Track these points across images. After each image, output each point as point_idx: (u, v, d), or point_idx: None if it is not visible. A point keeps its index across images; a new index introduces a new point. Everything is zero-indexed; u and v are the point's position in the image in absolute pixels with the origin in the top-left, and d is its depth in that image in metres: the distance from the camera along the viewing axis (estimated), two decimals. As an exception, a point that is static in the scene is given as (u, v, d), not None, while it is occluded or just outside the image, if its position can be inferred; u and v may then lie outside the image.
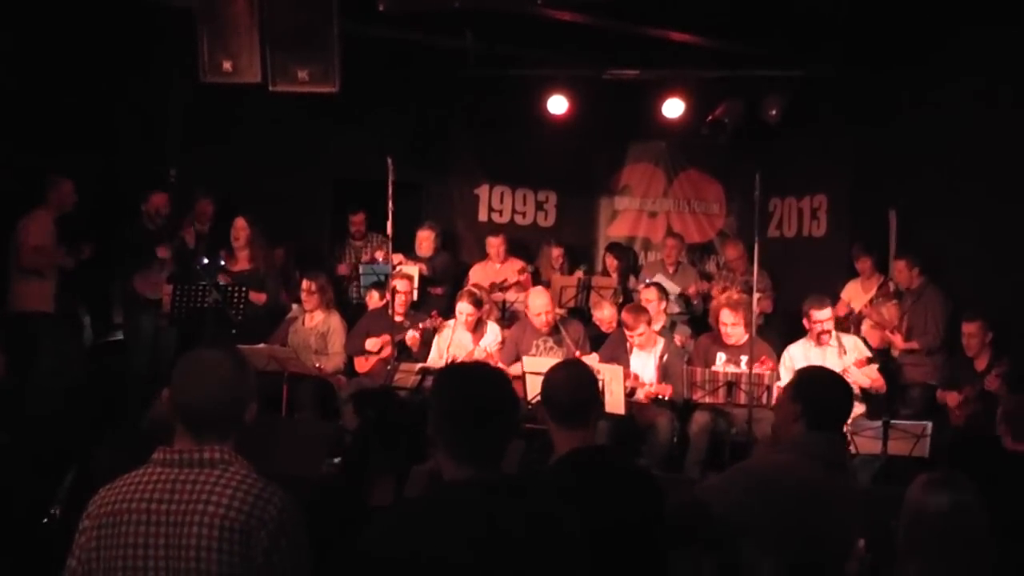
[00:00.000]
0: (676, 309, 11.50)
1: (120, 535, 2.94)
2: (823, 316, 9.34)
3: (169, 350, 10.00)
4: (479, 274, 12.22)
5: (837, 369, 8.90)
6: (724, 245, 12.90)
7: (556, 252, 12.83)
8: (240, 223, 10.85)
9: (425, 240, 12.03)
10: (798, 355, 9.39)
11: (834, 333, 9.45)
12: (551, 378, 3.92)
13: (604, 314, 10.38)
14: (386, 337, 9.91)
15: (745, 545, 3.92)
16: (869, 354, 9.36)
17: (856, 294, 10.97)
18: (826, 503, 3.96)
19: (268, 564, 2.89)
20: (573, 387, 3.87)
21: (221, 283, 10.14)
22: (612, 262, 12.70)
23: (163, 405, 5.93)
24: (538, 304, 9.88)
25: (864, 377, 9.15)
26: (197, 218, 10.95)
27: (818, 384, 4.23)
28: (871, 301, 10.68)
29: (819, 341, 9.37)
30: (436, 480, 3.19)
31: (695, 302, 11.86)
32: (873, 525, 5.12)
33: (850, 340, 9.54)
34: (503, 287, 11.73)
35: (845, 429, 8.31)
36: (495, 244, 12.30)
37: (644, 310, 9.69)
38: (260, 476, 3.03)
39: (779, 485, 3.96)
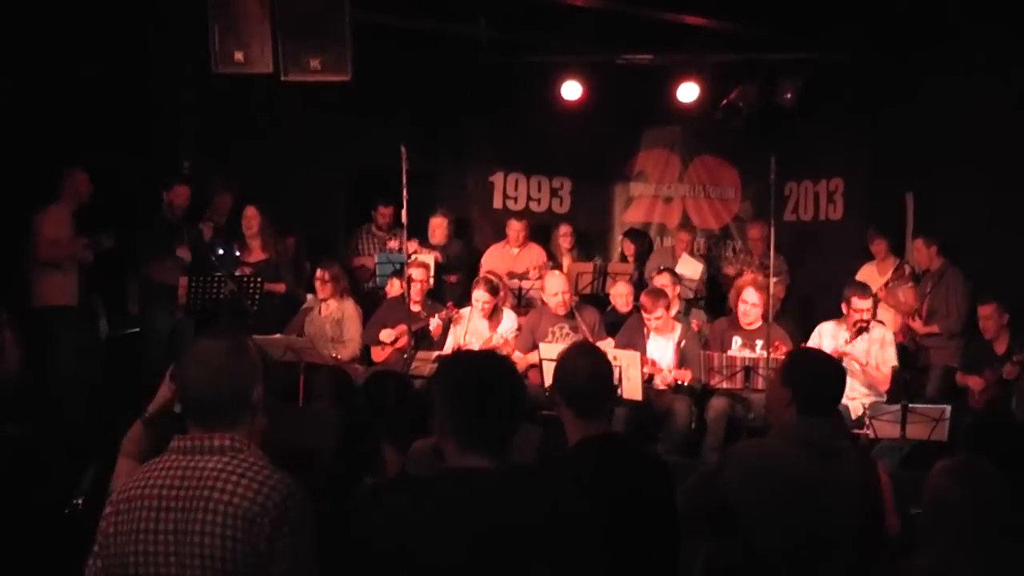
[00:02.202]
0: (689, 294, 11.47)
1: (133, 520, 2.97)
2: (863, 306, 9.18)
3: (186, 343, 9.96)
4: (494, 257, 12.21)
5: (862, 358, 8.93)
6: (747, 225, 12.87)
7: (564, 230, 12.80)
8: (250, 212, 10.85)
9: (438, 227, 12.01)
10: (827, 333, 9.33)
11: (872, 324, 9.34)
12: (568, 366, 3.88)
13: (619, 290, 10.41)
14: (402, 327, 9.91)
15: (741, 531, 3.91)
16: (895, 362, 9.25)
17: (871, 277, 10.91)
18: (818, 489, 3.94)
19: (270, 551, 2.89)
20: (593, 379, 3.84)
21: (237, 274, 10.13)
22: (630, 247, 12.70)
23: None
24: (554, 285, 9.89)
25: (879, 377, 9.08)
26: (216, 210, 10.95)
27: (809, 368, 4.21)
28: (886, 284, 10.63)
29: (854, 327, 9.13)
30: (438, 459, 3.19)
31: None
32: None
33: (880, 331, 9.34)
34: (523, 276, 11.70)
35: (864, 414, 8.37)
36: (516, 228, 12.29)
37: (664, 294, 9.66)
38: (268, 464, 3.04)
39: (770, 472, 3.94)
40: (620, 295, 10.45)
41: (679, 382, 9.26)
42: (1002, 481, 3.84)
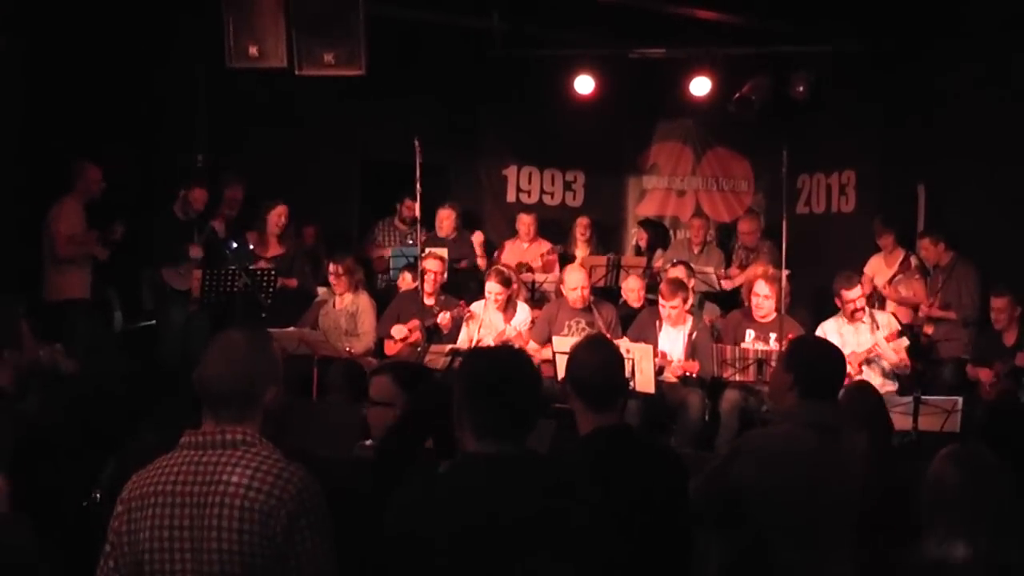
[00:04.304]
0: (704, 288, 11.48)
1: (147, 517, 2.98)
2: (853, 296, 9.26)
3: (200, 336, 10.03)
4: (507, 252, 12.27)
5: (869, 344, 9.00)
6: (739, 220, 12.85)
7: (582, 222, 12.81)
8: (281, 209, 10.85)
9: (446, 219, 11.96)
10: (831, 331, 9.34)
11: (868, 310, 9.40)
12: (580, 359, 3.91)
13: (631, 284, 10.47)
14: (415, 322, 9.92)
15: (753, 518, 3.94)
16: (899, 328, 9.31)
17: (879, 269, 10.94)
18: (825, 468, 3.99)
19: (288, 543, 2.91)
20: (605, 371, 3.87)
21: (252, 268, 10.16)
22: (643, 236, 12.75)
23: None
24: (574, 279, 9.86)
25: (892, 353, 9.12)
26: (227, 204, 10.98)
27: (810, 353, 4.26)
28: (891, 280, 10.64)
29: (852, 318, 9.30)
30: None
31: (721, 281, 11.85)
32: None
33: (883, 317, 9.50)
34: (531, 268, 11.71)
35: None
36: (526, 222, 12.33)
37: (684, 286, 9.68)
38: (281, 457, 3.06)
39: (780, 455, 3.98)
40: (632, 290, 10.47)
41: (687, 373, 9.27)
42: (1002, 467, 3.88)
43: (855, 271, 10.28)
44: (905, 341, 9.22)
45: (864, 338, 9.21)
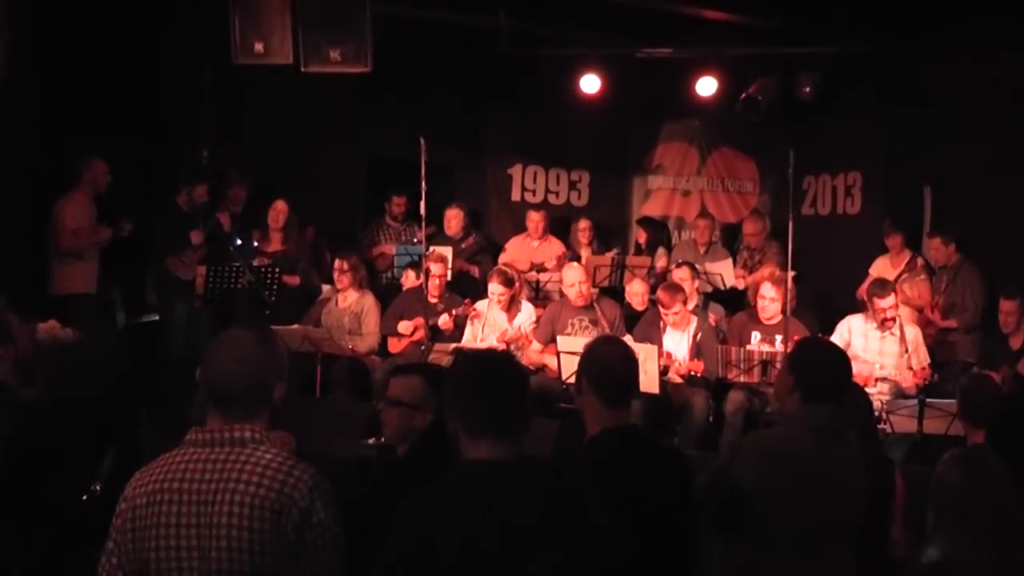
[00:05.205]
0: (709, 288, 11.46)
1: (153, 515, 2.96)
2: (887, 304, 9.13)
3: (204, 332, 10.05)
4: (515, 249, 12.22)
5: (893, 359, 8.91)
6: (744, 220, 12.81)
7: (583, 224, 12.78)
8: (280, 206, 10.89)
9: (454, 219, 11.94)
10: (856, 330, 9.30)
11: (898, 320, 9.33)
12: (599, 353, 3.91)
13: (635, 288, 10.44)
14: (419, 320, 9.91)
15: (751, 521, 3.93)
16: (928, 361, 9.23)
17: (885, 270, 10.89)
18: (827, 472, 3.96)
19: (300, 541, 2.91)
20: (624, 366, 3.88)
21: (255, 264, 10.17)
22: (643, 235, 12.73)
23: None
24: (572, 276, 9.84)
25: (912, 387, 9.03)
26: (231, 200, 10.98)
27: (814, 356, 4.23)
28: (897, 279, 10.61)
29: (883, 326, 9.20)
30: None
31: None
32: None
33: (911, 331, 9.37)
34: (540, 269, 11.69)
35: (881, 409, 8.36)
36: (535, 219, 12.28)
37: (680, 289, 9.66)
38: (291, 455, 3.05)
39: (781, 458, 3.96)
40: (636, 293, 10.43)
41: (692, 373, 9.26)
42: (1006, 468, 3.87)
43: (862, 272, 10.28)
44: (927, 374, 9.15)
45: (889, 348, 9.15)
